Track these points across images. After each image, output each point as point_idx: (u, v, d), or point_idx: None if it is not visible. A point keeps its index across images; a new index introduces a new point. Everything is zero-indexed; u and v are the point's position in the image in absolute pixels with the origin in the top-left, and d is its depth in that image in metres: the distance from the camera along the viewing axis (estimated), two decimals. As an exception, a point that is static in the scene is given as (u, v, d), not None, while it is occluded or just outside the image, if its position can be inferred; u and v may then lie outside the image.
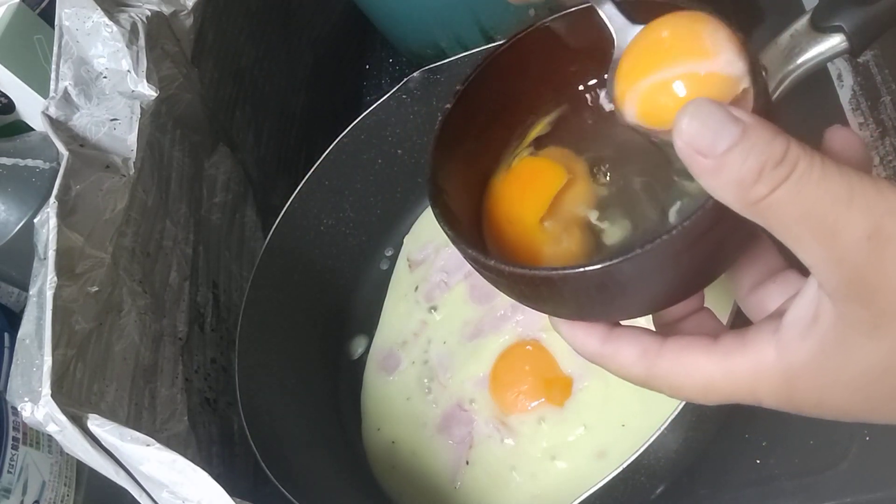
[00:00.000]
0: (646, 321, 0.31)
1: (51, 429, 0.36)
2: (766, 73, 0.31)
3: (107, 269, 0.43)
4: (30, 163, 0.55)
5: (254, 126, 0.64)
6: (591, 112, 0.33)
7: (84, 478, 0.53)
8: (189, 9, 0.51)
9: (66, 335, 0.39)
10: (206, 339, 0.54)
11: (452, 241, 0.29)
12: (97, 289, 0.42)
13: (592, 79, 0.33)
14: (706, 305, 0.31)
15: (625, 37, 0.30)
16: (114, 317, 0.44)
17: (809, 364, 0.25)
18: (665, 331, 0.30)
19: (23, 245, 0.53)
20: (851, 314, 0.24)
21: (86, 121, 0.45)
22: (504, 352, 0.52)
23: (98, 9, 0.46)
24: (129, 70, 0.46)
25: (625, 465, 0.37)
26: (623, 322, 0.30)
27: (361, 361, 0.58)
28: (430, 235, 0.60)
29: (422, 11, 0.62)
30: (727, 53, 0.27)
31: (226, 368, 0.55)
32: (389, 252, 0.62)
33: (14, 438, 0.49)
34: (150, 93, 0.46)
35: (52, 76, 0.46)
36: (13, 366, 0.38)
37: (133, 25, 0.47)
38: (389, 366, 0.57)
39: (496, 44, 0.33)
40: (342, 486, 0.52)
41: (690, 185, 0.29)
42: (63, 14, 0.47)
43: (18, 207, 0.54)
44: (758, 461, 0.47)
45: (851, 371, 0.25)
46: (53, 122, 0.44)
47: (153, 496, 0.35)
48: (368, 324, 0.60)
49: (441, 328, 0.56)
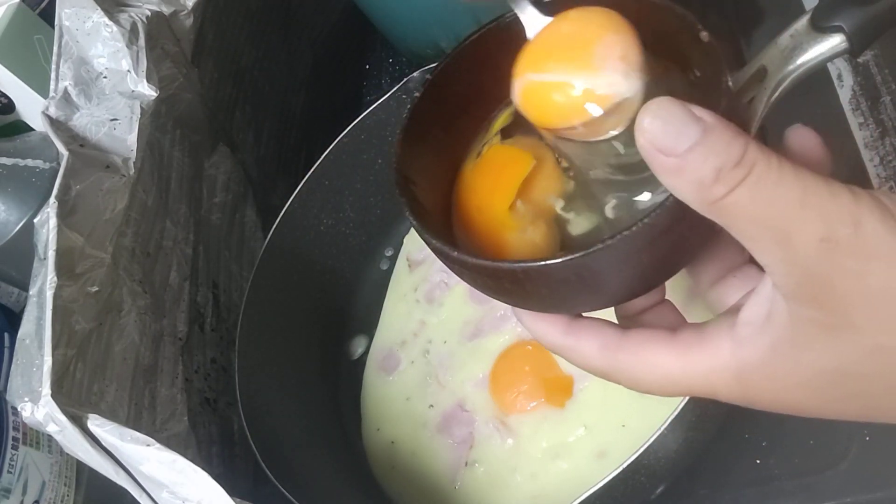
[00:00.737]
0: (608, 313, 0.31)
1: (51, 429, 0.36)
2: (767, 75, 0.31)
3: (107, 269, 0.43)
4: (30, 163, 0.55)
5: (254, 126, 0.64)
6: None
7: (84, 478, 0.53)
8: (189, 9, 0.50)
9: (66, 335, 0.39)
10: (206, 339, 0.54)
11: (418, 232, 0.29)
12: (97, 289, 0.42)
13: None
14: (667, 298, 0.32)
15: (535, 29, 0.31)
16: (114, 317, 0.44)
17: (762, 362, 0.26)
18: (627, 323, 0.31)
19: (23, 245, 0.53)
20: (804, 315, 0.24)
21: (86, 121, 0.45)
22: (504, 352, 0.52)
23: (98, 9, 0.46)
24: (129, 70, 0.46)
25: (625, 465, 0.37)
26: (586, 314, 0.30)
27: (361, 361, 0.58)
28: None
29: (422, 11, 0.62)
30: (611, 73, 0.27)
31: (226, 368, 0.55)
32: (389, 252, 0.62)
33: (14, 438, 0.49)
34: (150, 93, 0.46)
35: (52, 76, 0.46)
36: (13, 366, 0.38)
37: (133, 25, 0.47)
38: (389, 366, 0.57)
39: (467, 35, 0.33)
40: (342, 486, 0.52)
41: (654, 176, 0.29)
42: (63, 14, 0.47)
43: (18, 207, 0.54)
44: (758, 461, 0.47)
45: (804, 370, 0.25)
46: (53, 122, 0.44)
47: (153, 496, 0.35)
48: (368, 324, 0.60)
49: (441, 328, 0.56)
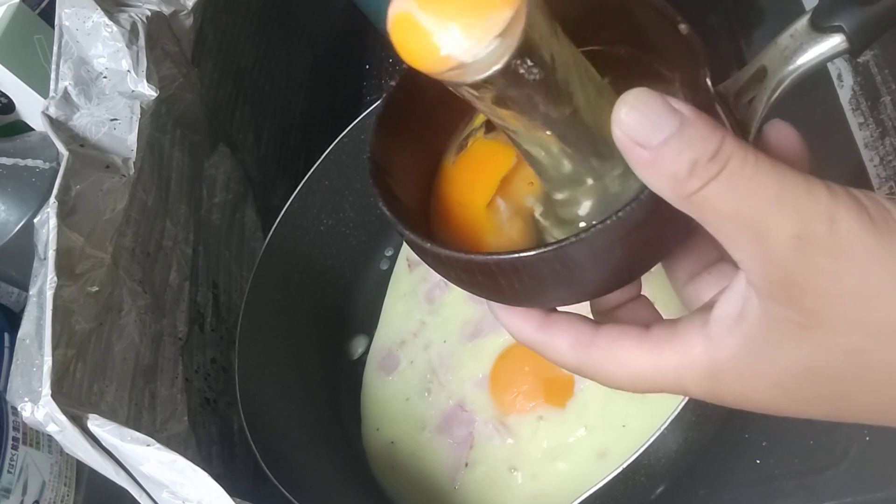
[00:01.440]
0: (585, 308, 0.31)
1: (51, 429, 0.36)
2: (767, 75, 0.31)
3: (107, 269, 0.43)
4: (30, 163, 0.55)
5: (254, 126, 0.64)
6: None
7: (84, 478, 0.53)
8: (189, 9, 0.50)
9: (66, 335, 0.39)
10: (206, 339, 0.54)
11: (391, 223, 0.29)
12: (97, 289, 0.42)
13: None
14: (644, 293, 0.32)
15: None
16: (114, 317, 0.44)
17: (733, 359, 0.26)
18: (602, 318, 0.31)
19: (23, 245, 0.53)
20: (777, 313, 0.24)
21: (86, 121, 0.45)
22: (504, 352, 0.52)
23: (98, 9, 0.46)
24: (129, 70, 0.46)
25: (625, 466, 0.37)
26: (561, 309, 0.30)
27: (361, 361, 0.58)
28: (430, 235, 0.60)
29: (422, 11, 0.62)
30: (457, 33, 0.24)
31: (226, 368, 0.55)
32: (389, 252, 0.62)
33: (14, 438, 0.49)
34: (150, 93, 0.46)
35: (52, 76, 0.46)
36: (13, 366, 0.38)
37: (133, 25, 0.47)
38: (389, 366, 0.57)
39: None
40: (342, 486, 0.52)
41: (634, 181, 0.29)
42: (63, 14, 0.47)
43: (18, 207, 0.54)
44: (758, 461, 0.47)
45: (774, 368, 0.25)
46: (53, 122, 0.44)
47: (153, 496, 0.35)
48: (368, 324, 0.60)
49: (441, 328, 0.56)
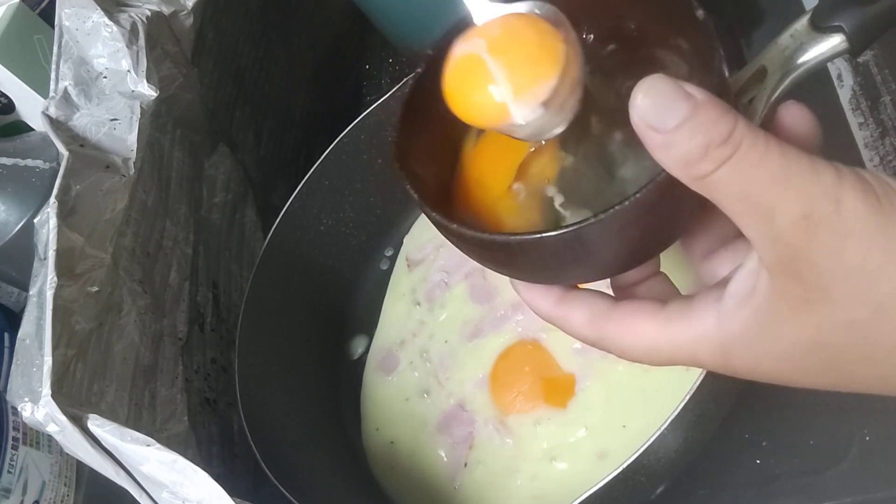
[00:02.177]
0: (604, 283, 0.32)
1: (51, 429, 0.36)
2: (767, 74, 0.31)
3: (107, 269, 0.43)
4: (30, 163, 0.55)
5: (254, 126, 0.64)
6: None
7: (84, 478, 0.53)
8: (189, 9, 0.50)
9: (66, 335, 0.39)
10: (206, 339, 0.54)
11: (418, 205, 0.30)
12: (97, 289, 0.42)
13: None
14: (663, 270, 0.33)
15: (481, 17, 0.32)
16: (114, 317, 0.44)
17: (745, 333, 0.27)
18: (621, 294, 0.32)
19: (23, 245, 0.53)
20: (785, 288, 0.25)
21: (86, 121, 0.45)
22: (504, 352, 0.52)
23: (98, 9, 0.46)
24: (129, 70, 0.46)
25: (625, 466, 0.37)
26: (580, 285, 0.31)
27: (361, 361, 0.58)
28: (430, 235, 0.60)
29: (422, 11, 0.62)
30: (517, 104, 0.28)
31: (226, 368, 0.55)
32: (389, 252, 0.62)
33: (14, 438, 0.49)
34: (150, 93, 0.46)
35: (52, 76, 0.46)
36: (13, 366, 0.38)
37: (133, 25, 0.47)
38: (388, 366, 0.57)
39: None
40: (342, 486, 0.52)
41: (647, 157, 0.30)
42: (63, 14, 0.47)
43: (18, 207, 0.54)
44: (758, 461, 0.47)
45: (783, 342, 0.26)
46: (53, 122, 0.44)
47: (153, 496, 0.35)
48: (368, 324, 0.60)
49: (440, 328, 0.56)
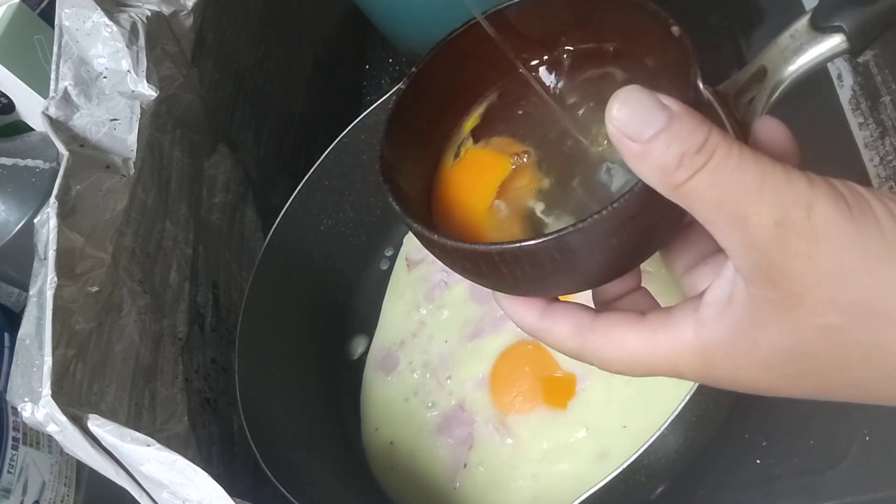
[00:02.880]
0: (586, 298, 0.32)
1: (51, 429, 0.36)
2: (767, 75, 0.31)
3: (107, 269, 0.43)
4: (30, 163, 0.55)
5: (254, 126, 0.64)
6: (536, 100, 0.35)
7: (84, 478, 0.53)
8: (189, 9, 0.51)
9: (66, 335, 0.39)
10: (206, 339, 0.54)
11: (400, 217, 0.30)
12: (97, 289, 0.42)
13: (540, 65, 0.35)
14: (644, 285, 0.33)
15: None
16: (114, 317, 0.44)
17: (723, 342, 0.27)
18: (602, 308, 0.32)
19: (23, 245, 0.53)
20: (761, 295, 0.25)
21: (86, 121, 0.45)
22: (504, 352, 0.52)
23: (98, 9, 0.46)
24: (129, 70, 0.46)
25: (625, 466, 0.37)
26: (563, 298, 0.32)
27: (361, 361, 0.58)
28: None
29: (422, 11, 0.62)
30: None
31: (226, 368, 0.55)
32: (389, 252, 0.62)
33: (14, 438, 0.49)
34: (150, 93, 0.46)
35: (52, 76, 0.46)
36: (13, 366, 0.38)
37: (133, 25, 0.47)
38: (388, 366, 0.57)
39: (455, 28, 0.35)
40: (342, 486, 0.52)
41: (626, 170, 0.30)
42: (63, 14, 0.47)
43: (18, 207, 0.54)
44: (758, 461, 0.47)
45: (762, 349, 0.26)
46: (53, 122, 0.44)
47: (153, 496, 0.35)
48: (368, 324, 0.60)
49: (440, 328, 0.56)
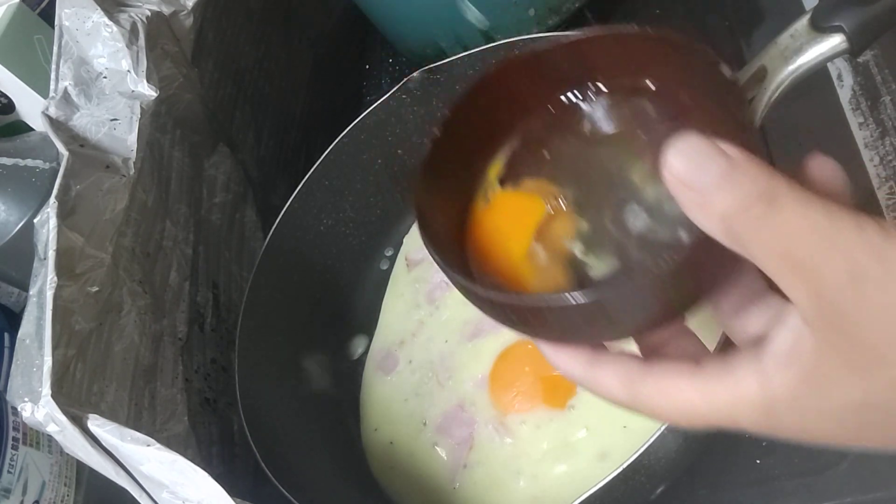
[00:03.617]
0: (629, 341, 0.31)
1: (51, 429, 0.36)
2: (767, 75, 0.31)
3: (107, 269, 0.43)
4: (30, 163, 0.55)
5: (254, 126, 0.64)
6: (569, 140, 0.34)
7: (84, 478, 0.53)
8: (189, 9, 0.51)
9: (66, 335, 0.39)
10: (206, 339, 0.54)
11: (441, 268, 0.30)
12: (97, 289, 0.42)
13: (571, 103, 0.34)
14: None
15: None
16: (114, 317, 0.44)
17: (790, 395, 0.26)
18: (649, 353, 0.31)
19: (23, 245, 0.53)
20: (831, 347, 0.24)
21: (86, 121, 0.45)
22: (504, 352, 0.52)
23: (98, 9, 0.46)
24: (129, 70, 0.46)
25: (625, 466, 0.37)
26: (607, 343, 0.31)
27: (361, 361, 0.58)
28: (430, 235, 0.60)
29: (422, 11, 0.62)
30: None
31: (226, 368, 0.55)
32: (389, 252, 0.62)
33: (14, 438, 0.49)
34: (150, 93, 0.46)
35: (52, 76, 0.46)
36: (13, 366, 0.38)
37: (133, 25, 0.47)
38: (387, 366, 0.57)
39: (484, 70, 0.34)
40: (342, 486, 0.52)
41: (671, 210, 0.29)
42: (63, 14, 0.47)
43: (18, 207, 0.54)
44: (758, 461, 0.47)
45: (831, 403, 0.25)
46: (53, 122, 0.44)
47: (153, 496, 0.35)
48: (368, 324, 0.60)
49: (440, 328, 0.56)
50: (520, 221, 0.33)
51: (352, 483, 0.52)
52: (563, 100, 0.34)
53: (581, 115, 0.34)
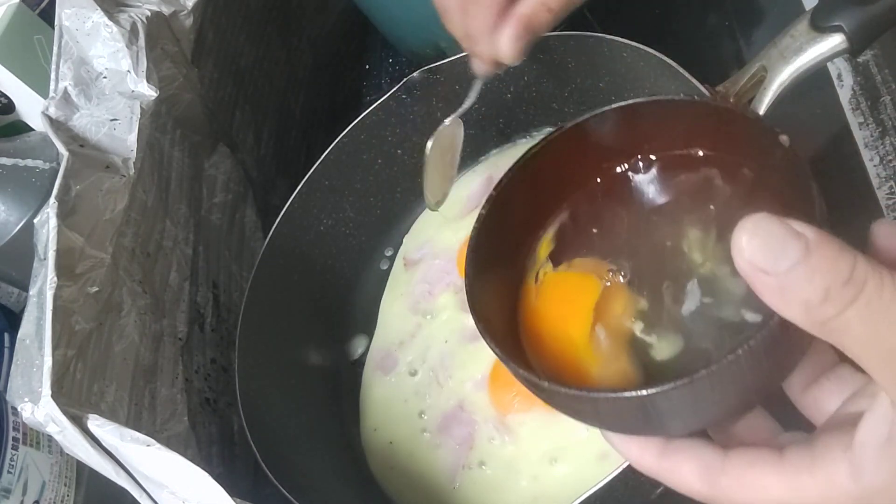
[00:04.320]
0: None
1: (51, 429, 0.36)
2: (767, 75, 0.31)
3: (107, 269, 0.43)
4: (30, 163, 0.55)
5: (254, 126, 0.64)
6: (621, 214, 0.33)
7: (84, 478, 0.53)
8: (189, 9, 0.51)
9: (66, 335, 0.39)
10: (206, 339, 0.54)
11: (504, 363, 0.29)
12: (97, 289, 0.42)
13: (622, 176, 0.33)
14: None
15: None
16: (114, 317, 0.44)
17: (886, 487, 0.25)
18: (721, 437, 0.30)
19: (23, 245, 0.53)
20: None
21: (86, 121, 0.45)
22: (504, 352, 0.52)
23: (98, 9, 0.46)
24: (129, 70, 0.46)
25: (625, 466, 0.37)
26: None
27: (361, 361, 0.58)
28: (429, 235, 0.60)
29: (422, 11, 0.62)
30: None
31: (226, 368, 0.55)
32: (389, 252, 0.62)
33: (14, 438, 0.49)
34: (150, 93, 0.46)
35: (52, 76, 0.46)
36: (13, 366, 0.38)
37: (133, 25, 0.47)
38: (387, 366, 0.57)
39: (532, 146, 0.33)
40: (342, 486, 0.52)
41: (734, 287, 0.29)
42: (63, 14, 0.47)
43: (18, 207, 0.54)
44: (758, 461, 0.47)
45: None
46: (53, 123, 0.44)
47: (153, 496, 0.35)
48: (368, 324, 0.60)
49: (440, 329, 0.56)
50: (576, 303, 0.32)
51: (351, 483, 0.52)
52: (612, 172, 0.33)
53: (631, 188, 0.33)
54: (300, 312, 0.58)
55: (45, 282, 0.39)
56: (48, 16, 0.60)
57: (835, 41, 0.30)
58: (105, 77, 0.47)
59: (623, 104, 0.31)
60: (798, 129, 0.29)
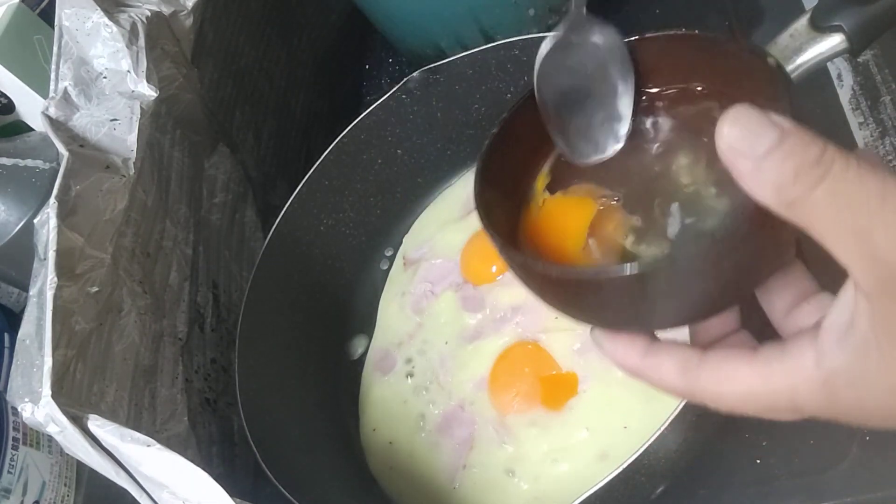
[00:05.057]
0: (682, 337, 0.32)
1: (51, 429, 0.36)
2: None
3: (107, 270, 0.43)
4: (30, 163, 0.55)
5: (254, 126, 0.64)
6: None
7: (84, 478, 0.53)
8: (189, 9, 0.50)
9: (66, 335, 0.39)
10: (206, 339, 0.54)
11: (499, 249, 0.30)
12: (97, 289, 0.42)
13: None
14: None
15: None
16: (114, 317, 0.44)
17: (849, 368, 0.25)
18: (703, 344, 0.31)
19: (23, 245, 0.53)
20: (889, 313, 0.24)
21: (86, 121, 0.45)
22: (504, 352, 0.52)
23: (98, 9, 0.46)
24: (129, 70, 0.46)
25: (625, 466, 0.37)
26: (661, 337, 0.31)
27: (361, 361, 0.58)
28: (429, 235, 0.60)
29: (422, 11, 0.62)
30: None
31: (226, 368, 0.55)
32: (389, 252, 0.62)
33: (14, 439, 0.49)
34: (150, 93, 0.46)
35: (52, 76, 0.46)
36: (13, 366, 0.38)
37: (133, 25, 0.47)
38: (386, 366, 0.57)
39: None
40: (342, 486, 0.52)
41: (719, 203, 0.30)
42: (63, 14, 0.46)
43: (18, 207, 0.54)
44: (758, 461, 0.47)
45: (892, 374, 0.25)
46: (53, 123, 0.44)
47: (153, 496, 0.35)
48: (368, 324, 0.60)
49: (439, 329, 0.56)
50: (572, 222, 0.33)
51: (351, 483, 0.52)
52: None
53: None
54: (300, 312, 0.58)
55: (45, 282, 0.39)
56: (48, 16, 0.60)
57: (835, 41, 0.30)
58: (105, 77, 0.47)
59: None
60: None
